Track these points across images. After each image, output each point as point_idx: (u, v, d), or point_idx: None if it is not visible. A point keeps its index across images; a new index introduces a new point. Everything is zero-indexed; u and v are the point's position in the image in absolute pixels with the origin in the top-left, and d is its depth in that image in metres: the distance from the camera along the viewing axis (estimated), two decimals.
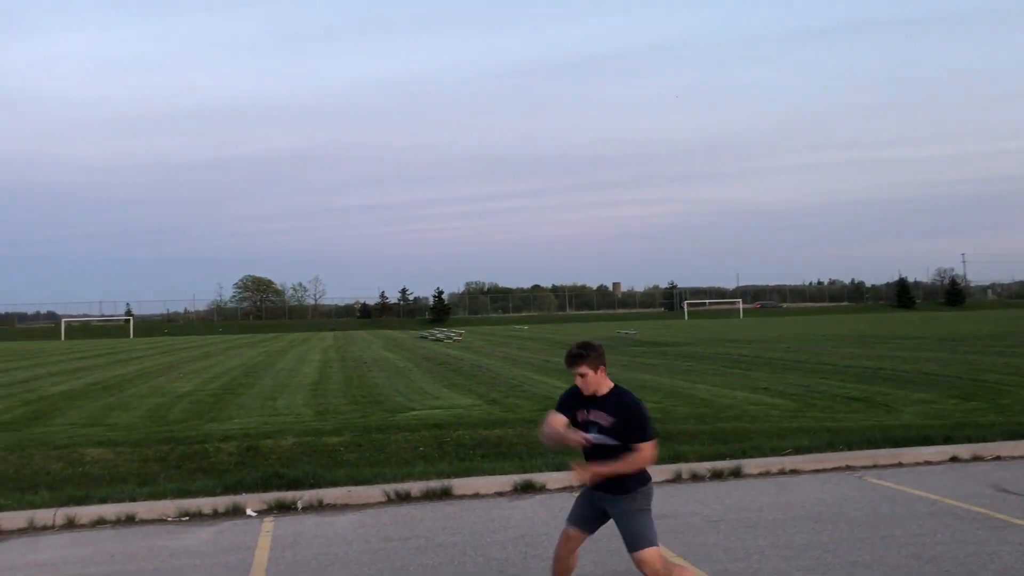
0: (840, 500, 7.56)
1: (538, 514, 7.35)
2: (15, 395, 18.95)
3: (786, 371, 20.42)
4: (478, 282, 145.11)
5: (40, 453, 10.31)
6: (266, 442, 10.71)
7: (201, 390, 19.23)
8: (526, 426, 11.50)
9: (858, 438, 9.87)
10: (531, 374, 21.81)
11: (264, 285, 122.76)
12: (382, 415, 13.61)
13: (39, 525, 7.34)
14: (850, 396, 14.91)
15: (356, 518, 7.42)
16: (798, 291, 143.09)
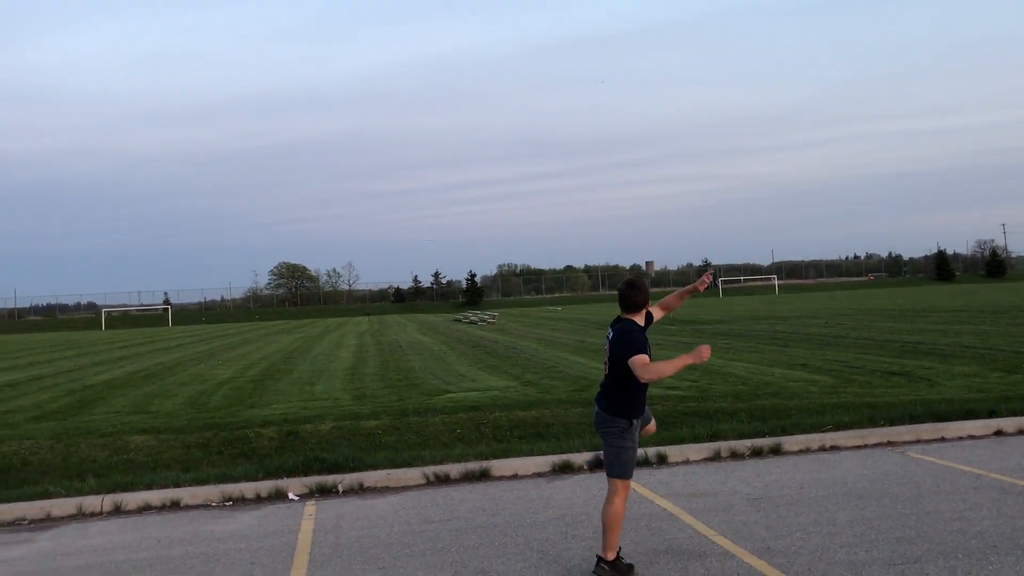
0: (882, 476, 7.48)
1: (577, 495, 7.36)
2: (60, 384, 19.33)
3: (824, 347, 20.21)
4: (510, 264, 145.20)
5: (86, 441, 10.51)
6: (306, 427, 10.82)
7: (240, 377, 19.47)
8: (562, 407, 11.51)
9: (899, 413, 9.75)
10: (566, 355, 21.80)
11: (299, 272, 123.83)
12: (419, 398, 13.69)
13: (87, 511, 7.50)
14: (890, 371, 14.73)
15: (396, 501, 7.49)
16: (834, 266, 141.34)
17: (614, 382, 5.17)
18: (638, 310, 5.25)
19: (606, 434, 5.22)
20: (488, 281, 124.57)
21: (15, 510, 7.41)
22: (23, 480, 8.90)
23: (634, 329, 5.14)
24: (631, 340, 5.04)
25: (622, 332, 5.13)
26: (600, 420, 5.27)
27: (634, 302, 5.23)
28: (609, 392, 5.21)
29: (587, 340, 27.43)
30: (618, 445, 5.18)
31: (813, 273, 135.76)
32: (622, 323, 5.22)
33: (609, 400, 5.20)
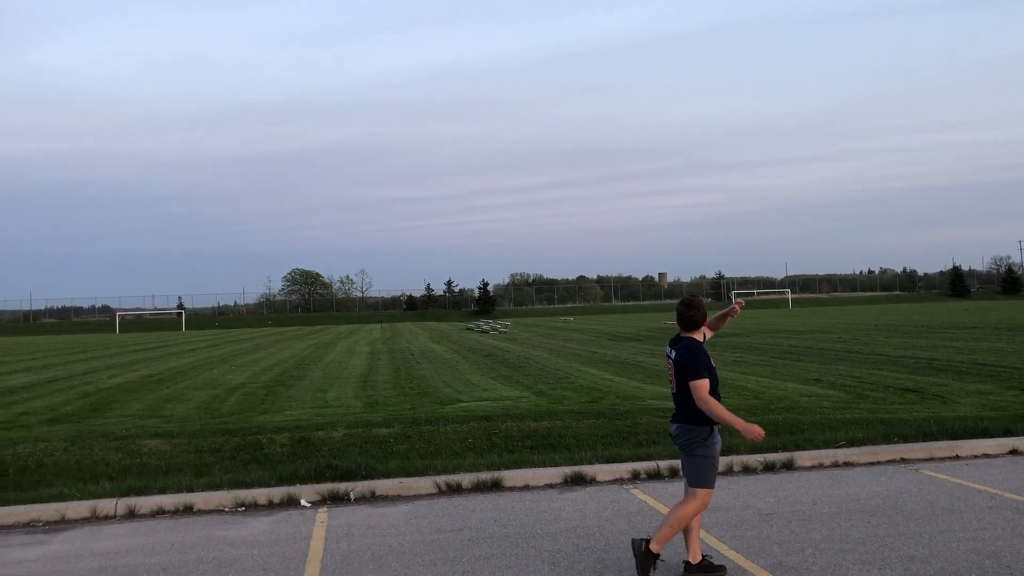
0: (896, 493, 7.45)
1: (589, 507, 7.36)
2: (75, 387, 19.46)
3: (837, 362, 20.13)
4: (523, 273, 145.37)
5: (100, 444, 10.58)
6: (318, 434, 10.86)
7: (253, 382, 19.55)
8: (574, 418, 11.51)
9: (913, 430, 9.70)
10: (578, 365, 21.78)
11: (312, 278, 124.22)
12: (431, 407, 13.71)
13: (101, 514, 7.55)
14: (904, 387, 14.65)
15: (408, 509, 7.50)
16: (848, 280, 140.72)
17: (684, 394, 5.28)
18: (696, 328, 5.43)
19: (689, 444, 5.30)
20: (501, 290, 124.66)
21: (30, 512, 7.47)
22: (38, 482, 8.96)
23: (698, 349, 5.28)
24: (694, 362, 5.21)
25: (686, 351, 5.29)
26: (681, 432, 5.34)
27: (692, 320, 5.41)
28: (684, 405, 5.31)
29: (599, 351, 27.40)
30: (702, 454, 5.28)
31: (827, 287, 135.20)
32: (684, 341, 5.38)
33: (688, 412, 5.29)
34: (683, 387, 5.27)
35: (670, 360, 5.45)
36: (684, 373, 5.23)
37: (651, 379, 17.61)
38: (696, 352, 5.26)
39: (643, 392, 14.98)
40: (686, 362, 5.23)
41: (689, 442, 5.30)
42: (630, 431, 10.65)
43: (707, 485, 5.29)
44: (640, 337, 36.55)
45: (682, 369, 5.25)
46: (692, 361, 5.21)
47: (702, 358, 5.23)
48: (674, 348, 5.43)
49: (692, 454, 5.31)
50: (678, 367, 5.30)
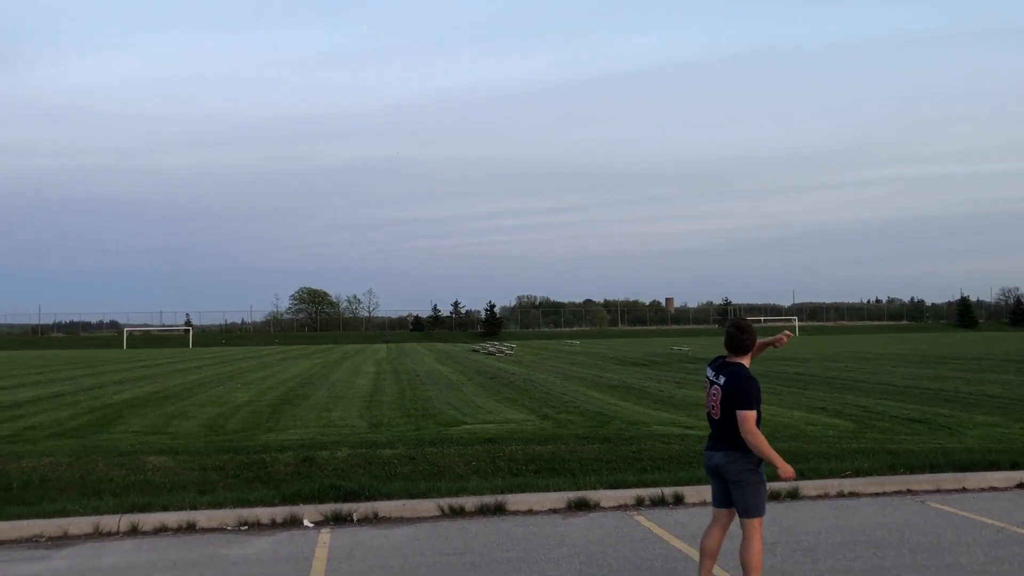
0: (902, 525, 7.40)
1: (593, 532, 7.33)
2: (80, 402, 19.48)
3: (844, 390, 20.04)
4: (530, 296, 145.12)
5: (104, 460, 10.58)
6: (322, 453, 10.85)
7: (258, 400, 19.55)
8: (579, 442, 11.48)
9: (920, 461, 9.65)
10: (584, 390, 21.73)
11: (319, 297, 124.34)
12: (435, 429, 13.69)
13: (104, 531, 7.54)
14: (910, 417, 14.58)
15: (411, 531, 7.48)
16: (856, 309, 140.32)
17: (733, 422, 5.14)
18: (746, 352, 5.31)
19: (743, 473, 5.16)
20: (507, 312, 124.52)
21: (33, 527, 7.47)
22: (41, 497, 8.97)
23: (751, 378, 5.16)
24: (747, 392, 5.10)
25: (739, 379, 5.15)
26: (730, 460, 5.18)
27: (743, 344, 5.29)
28: (733, 432, 5.15)
29: (605, 376, 27.33)
30: (756, 482, 5.18)
31: (834, 316, 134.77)
32: (734, 367, 5.24)
33: (738, 439, 5.14)
34: (730, 415, 5.14)
35: (716, 385, 5.27)
36: (733, 401, 5.10)
37: (657, 405, 17.56)
38: (749, 381, 5.14)
39: (648, 418, 14.93)
40: (738, 391, 5.10)
41: (744, 471, 5.15)
42: (635, 457, 10.61)
43: (763, 512, 5.19)
44: (646, 362, 36.46)
45: (732, 397, 5.11)
46: (745, 390, 5.09)
47: (754, 388, 5.11)
48: (722, 373, 5.25)
49: (746, 483, 5.16)
50: (727, 394, 5.15)
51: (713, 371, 5.35)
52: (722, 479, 5.30)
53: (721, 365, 5.32)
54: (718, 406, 5.22)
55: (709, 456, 5.34)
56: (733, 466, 5.17)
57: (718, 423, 5.25)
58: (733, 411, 5.10)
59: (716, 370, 5.33)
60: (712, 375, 5.34)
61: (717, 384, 5.25)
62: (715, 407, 5.25)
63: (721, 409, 5.19)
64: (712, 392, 5.30)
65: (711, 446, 5.34)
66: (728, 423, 5.16)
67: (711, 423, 5.34)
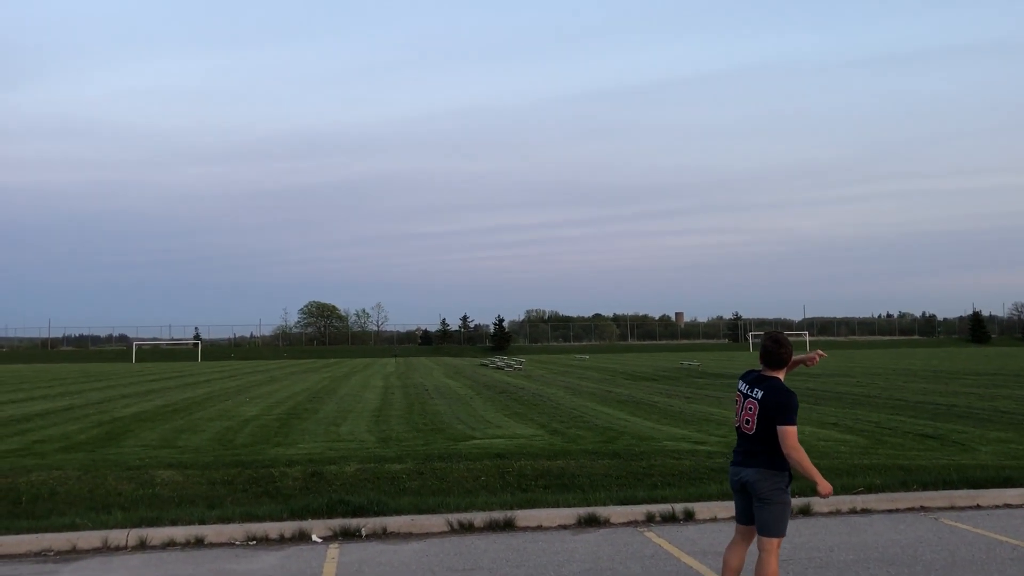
0: (915, 542, 7.32)
1: (603, 549, 7.27)
2: (89, 416, 19.51)
3: (855, 406, 19.92)
4: (539, 310, 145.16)
5: (113, 474, 10.57)
6: (330, 468, 10.82)
7: (267, 414, 19.55)
8: (589, 458, 11.42)
9: (933, 477, 9.56)
10: (593, 404, 21.66)
11: (328, 311, 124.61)
12: (444, 443, 13.65)
13: (112, 545, 7.52)
14: (923, 433, 14.47)
15: (420, 547, 7.44)
16: (867, 324, 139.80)
17: (769, 437, 5.03)
18: (782, 367, 5.19)
19: (773, 491, 5.05)
20: (516, 327, 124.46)
21: (42, 541, 7.46)
22: (50, 510, 8.95)
23: (791, 392, 5.05)
24: (788, 405, 4.98)
25: (779, 392, 5.03)
26: (762, 477, 5.06)
27: (780, 358, 5.16)
28: (767, 448, 5.05)
29: (614, 391, 27.25)
30: (783, 501, 5.07)
31: (845, 331, 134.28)
32: (772, 381, 5.12)
33: (772, 456, 5.04)
34: (767, 430, 5.02)
35: (751, 398, 5.13)
36: (773, 416, 4.97)
37: (667, 420, 17.48)
38: (790, 395, 5.02)
39: (659, 433, 14.86)
40: (778, 404, 4.98)
41: (772, 489, 5.04)
42: (645, 472, 10.55)
43: (783, 533, 5.08)
44: (656, 377, 36.35)
45: (771, 411, 4.99)
46: (786, 404, 4.97)
47: (795, 402, 5.00)
48: (758, 386, 5.12)
49: (773, 502, 5.04)
50: (764, 408, 5.02)
51: (747, 384, 5.23)
52: (748, 495, 5.19)
53: (757, 378, 5.19)
54: (754, 420, 5.09)
55: (736, 471, 5.22)
56: (764, 483, 5.06)
57: (751, 438, 5.12)
58: (770, 426, 4.99)
59: (751, 383, 5.20)
60: (746, 388, 5.22)
61: (753, 398, 5.12)
62: (750, 421, 5.11)
63: (757, 423, 5.06)
64: (747, 406, 5.16)
65: (740, 461, 5.20)
66: (764, 438, 5.05)
67: (742, 438, 5.22)
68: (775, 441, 4.98)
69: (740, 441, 5.24)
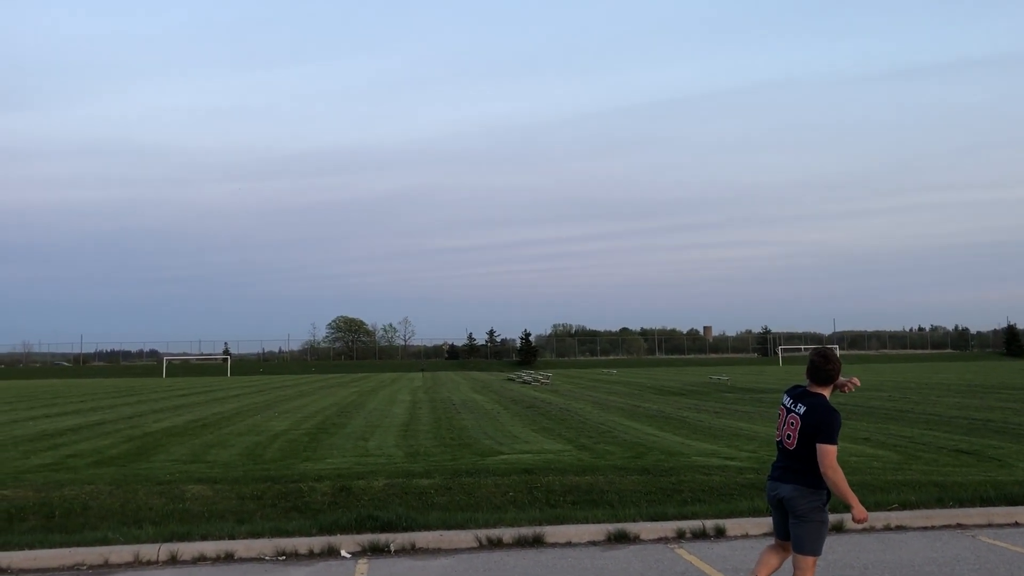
0: (952, 560, 7.18)
1: (633, 566, 7.21)
2: (120, 431, 19.70)
3: (888, 421, 19.65)
4: (565, 324, 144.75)
5: (144, 488, 10.65)
6: (359, 483, 10.83)
7: (296, 429, 19.63)
8: (617, 473, 11.34)
9: (969, 494, 9.39)
10: (621, 419, 21.54)
11: (355, 326, 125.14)
12: (472, 458, 13.62)
13: (144, 560, 7.57)
14: (958, 448, 14.24)
15: (448, 563, 7.41)
16: (898, 337, 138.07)
17: (809, 454, 4.96)
18: (829, 383, 5.11)
19: (810, 509, 4.99)
20: (543, 341, 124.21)
21: (75, 555, 7.52)
22: (83, 525, 9.04)
23: (834, 411, 4.98)
24: (830, 424, 4.91)
25: (823, 410, 4.97)
26: (800, 495, 5.00)
27: (828, 375, 5.08)
28: (806, 465, 4.98)
29: (643, 405, 27.09)
30: (820, 520, 5.02)
31: (876, 344, 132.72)
32: (817, 398, 5.05)
33: (810, 474, 4.96)
34: (807, 447, 4.96)
35: (793, 413, 5.08)
36: (814, 433, 4.92)
37: (696, 435, 17.33)
38: (833, 414, 4.95)
39: (688, 448, 14.74)
40: (821, 422, 4.92)
41: (810, 507, 4.98)
42: (674, 488, 10.45)
43: (819, 552, 5.03)
44: (685, 392, 36.10)
45: (813, 428, 4.93)
46: (828, 423, 4.90)
47: (838, 421, 4.94)
48: (801, 402, 5.07)
49: (810, 519, 4.98)
50: (806, 424, 4.96)
51: (791, 399, 5.16)
52: (784, 511, 5.13)
53: (801, 394, 5.13)
54: (795, 436, 5.02)
55: (774, 487, 5.17)
56: (801, 501, 5.00)
57: (791, 454, 5.06)
58: (811, 443, 4.93)
59: (795, 398, 5.14)
60: (789, 403, 5.16)
61: (796, 413, 5.06)
62: (791, 436, 5.05)
63: (798, 440, 5.00)
64: (789, 421, 5.10)
65: (778, 476, 5.14)
66: (803, 455, 4.98)
67: (782, 453, 5.16)
68: (814, 458, 4.91)
69: (780, 456, 5.19)
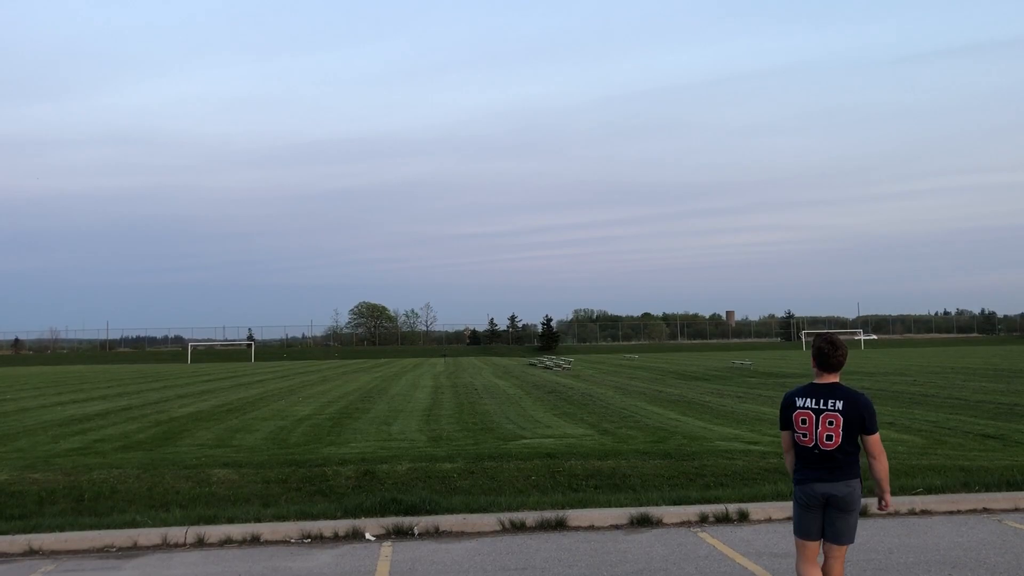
0: (979, 545, 7.14)
1: (656, 549, 7.22)
2: (147, 416, 19.94)
3: (913, 405, 19.51)
4: (587, 309, 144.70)
5: (171, 472, 10.79)
6: (382, 467, 10.91)
7: (319, 414, 19.78)
8: (640, 458, 11.35)
9: (996, 479, 9.31)
10: (643, 404, 21.53)
11: (378, 312, 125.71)
12: (494, 443, 13.67)
13: (172, 542, 7.67)
14: (984, 433, 14.12)
15: (472, 546, 7.46)
16: (923, 321, 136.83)
17: (851, 447, 4.78)
18: (838, 371, 4.91)
19: (857, 500, 4.86)
20: (564, 326, 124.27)
21: (104, 537, 7.64)
22: (111, 508, 9.18)
23: (868, 398, 4.85)
24: (873, 411, 4.79)
25: (862, 399, 4.79)
26: (853, 489, 4.81)
27: (839, 362, 4.86)
28: (851, 459, 4.79)
29: (664, 390, 27.05)
30: (859, 510, 4.94)
31: (900, 328, 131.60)
32: (847, 390, 4.83)
33: (854, 465, 4.81)
34: (851, 441, 4.76)
35: (828, 412, 4.78)
36: (859, 425, 4.73)
37: (719, 419, 17.30)
38: (869, 400, 4.78)
39: (710, 433, 14.71)
40: (867, 412, 4.75)
41: (858, 498, 4.85)
42: (697, 473, 10.45)
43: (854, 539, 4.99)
44: (707, 376, 36.00)
45: (859, 419, 4.73)
46: (871, 411, 4.76)
47: (873, 406, 4.82)
48: (832, 398, 4.80)
49: (855, 510, 4.86)
50: (851, 418, 4.73)
51: (814, 399, 4.85)
52: (822, 510, 4.91)
53: (826, 389, 4.85)
54: (837, 434, 4.76)
55: (820, 487, 4.84)
56: (854, 495, 4.83)
57: (831, 454, 4.80)
58: (854, 436, 4.76)
59: (820, 397, 4.84)
60: (816, 403, 4.83)
61: (832, 411, 4.78)
62: (833, 436, 4.76)
63: (842, 436, 4.75)
64: (825, 420, 4.79)
65: (825, 477, 4.83)
66: (848, 450, 4.77)
67: (820, 456, 4.82)
68: (856, 450, 4.78)
69: (816, 459, 4.86)
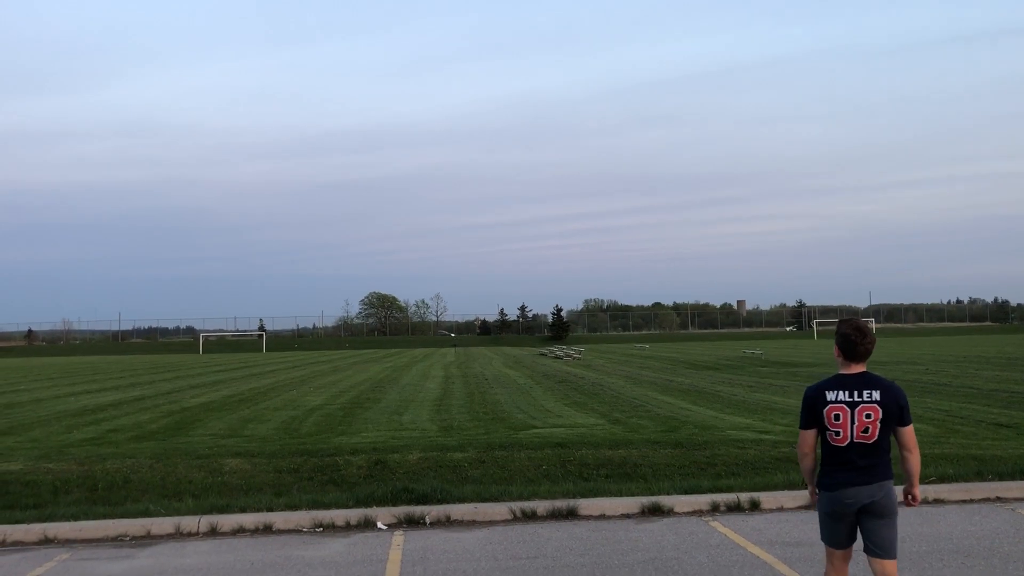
0: (992, 534, 7.11)
1: (667, 538, 7.22)
2: (160, 406, 20.04)
3: (925, 394, 19.42)
4: (597, 299, 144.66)
5: (183, 462, 10.84)
6: (393, 456, 10.93)
7: (331, 404, 19.84)
8: (651, 447, 11.34)
9: (1009, 468, 9.27)
10: (654, 394, 21.50)
11: (388, 302, 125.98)
12: (505, 432, 13.69)
13: (185, 531, 7.72)
14: (997, 422, 14.04)
15: (483, 535, 7.47)
16: (936, 310, 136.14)
17: (885, 442, 4.40)
18: (865, 359, 4.48)
19: (895, 506, 4.43)
20: (574, 316, 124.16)
21: (118, 526, 7.69)
22: (125, 497, 9.24)
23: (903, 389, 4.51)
24: (908, 404, 4.41)
25: (896, 388, 4.40)
26: (890, 490, 4.40)
27: (867, 350, 4.44)
28: (886, 456, 4.41)
29: (675, 380, 27.02)
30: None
31: (912, 317, 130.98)
32: (881, 380, 4.43)
33: (889, 463, 4.43)
34: (885, 436, 4.37)
35: (865, 404, 4.34)
36: (899, 416, 4.35)
37: (730, 409, 17.27)
38: (902, 389, 4.44)
39: (721, 422, 14.69)
40: (902, 401, 4.36)
41: (895, 503, 4.41)
42: (708, 462, 10.43)
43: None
44: (719, 366, 35.93)
45: (897, 409, 4.34)
46: (906, 400, 4.38)
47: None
48: (867, 389, 4.36)
49: (894, 514, 4.41)
50: (890, 408, 4.34)
51: (848, 391, 4.38)
52: (855, 517, 4.47)
53: (859, 380, 4.41)
54: (875, 427, 4.33)
55: (857, 492, 4.38)
56: (892, 496, 4.42)
57: (870, 449, 4.38)
58: (889, 429, 4.37)
59: (854, 389, 4.38)
60: (850, 396, 4.36)
61: (869, 402, 4.34)
62: (870, 429, 4.33)
63: (880, 430, 4.35)
64: (861, 414, 4.34)
65: (860, 480, 4.37)
66: (883, 445, 4.39)
67: (856, 453, 4.37)
68: (889, 445, 4.43)
69: (851, 457, 4.39)
